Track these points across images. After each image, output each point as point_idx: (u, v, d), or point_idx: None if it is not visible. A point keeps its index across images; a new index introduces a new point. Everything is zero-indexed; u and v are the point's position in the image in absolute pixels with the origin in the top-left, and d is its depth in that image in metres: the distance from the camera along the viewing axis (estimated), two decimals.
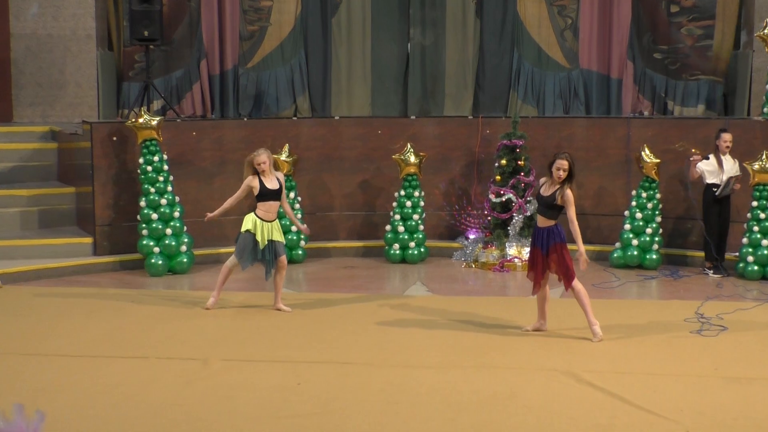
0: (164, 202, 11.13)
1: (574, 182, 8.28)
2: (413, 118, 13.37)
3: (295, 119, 13.38)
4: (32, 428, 3.17)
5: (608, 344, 8.22)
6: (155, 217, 11.10)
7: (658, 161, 11.57)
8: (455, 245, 12.43)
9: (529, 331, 8.62)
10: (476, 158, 12.69)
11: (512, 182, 11.85)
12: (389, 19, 14.77)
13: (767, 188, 11.05)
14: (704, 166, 11.09)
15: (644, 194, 11.64)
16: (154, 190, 11.14)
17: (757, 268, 10.98)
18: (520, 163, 11.91)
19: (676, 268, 11.66)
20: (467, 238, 12.34)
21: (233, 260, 9.31)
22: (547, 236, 8.30)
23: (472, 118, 13.19)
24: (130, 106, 13.88)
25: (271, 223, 9.23)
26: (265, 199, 9.20)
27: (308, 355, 7.90)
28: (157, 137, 11.20)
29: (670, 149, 12.05)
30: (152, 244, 11.09)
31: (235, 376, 7.33)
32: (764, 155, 11.02)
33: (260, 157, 9.18)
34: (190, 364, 7.59)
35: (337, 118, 13.31)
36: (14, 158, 12.71)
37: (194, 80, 14.55)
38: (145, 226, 11.12)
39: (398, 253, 12.08)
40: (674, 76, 14.75)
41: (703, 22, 14.60)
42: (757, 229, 11.05)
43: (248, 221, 9.20)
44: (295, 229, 11.81)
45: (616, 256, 11.74)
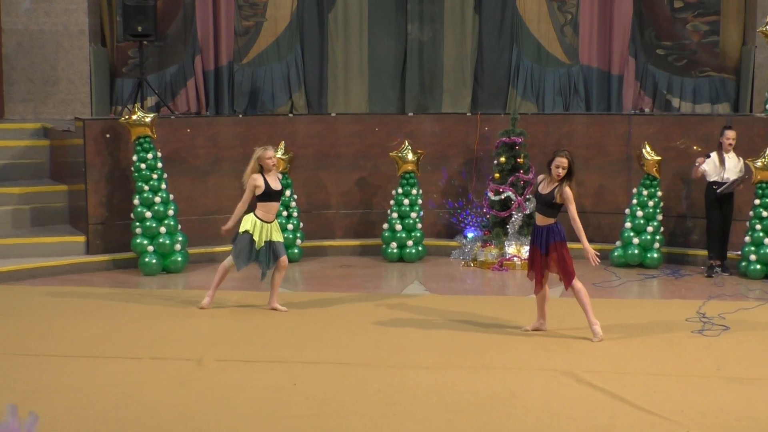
0: (158, 200, 11.13)
1: (573, 180, 8.29)
2: (411, 114, 13.38)
3: (291, 116, 13.38)
4: (26, 429, 3.18)
5: (609, 344, 8.23)
6: (149, 215, 11.10)
7: (659, 159, 11.58)
8: (453, 244, 12.44)
9: (528, 330, 8.62)
10: (475, 155, 12.70)
11: (511, 180, 11.86)
12: (386, 14, 14.76)
13: None
14: (705, 165, 11.10)
15: (645, 192, 11.65)
16: (147, 187, 11.14)
17: (759, 267, 10.99)
18: (519, 160, 11.93)
19: (677, 267, 11.69)
20: (466, 236, 12.35)
21: (230, 260, 9.31)
22: (546, 235, 8.30)
23: (470, 114, 13.21)
24: (123, 102, 13.86)
25: (270, 224, 9.22)
26: (268, 199, 9.17)
27: (304, 355, 7.90)
28: (150, 134, 11.20)
29: (671, 146, 12.07)
30: (146, 242, 11.09)
31: (230, 376, 7.33)
32: (767, 152, 11.03)
33: (270, 151, 9.18)
34: (184, 364, 7.59)
35: (333, 114, 13.32)
36: (6, 156, 12.71)
37: (188, 76, 14.53)
38: (138, 224, 11.12)
39: (396, 251, 12.09)
40: (680, 72, 14.72)
41: (708, 17, 14.59)
42: (759, 227, 11.05)
43: (247, 222, 9.17)
44: (291, 227, 11.84)
45: (616, 254, 11.76)
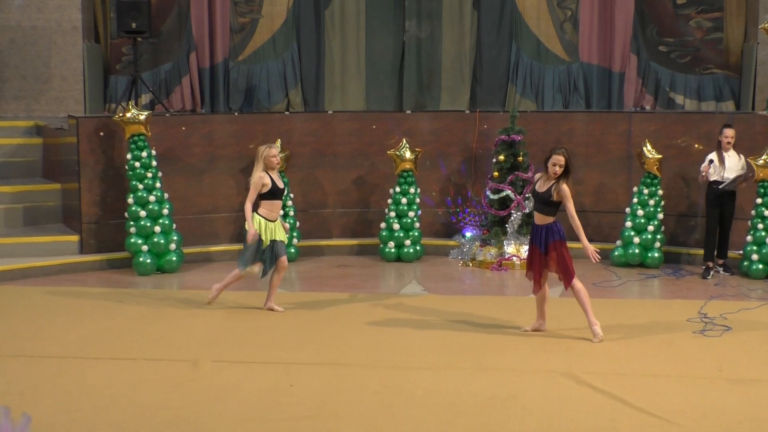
0: (153, 198, 11.13)
1: (570, 177, 8.28)
2: (409, 112, 13.38)
3: (287, 114, 13.37)
4: (18, 431, 3.18)
5: (609, 345, 8.23)
6: (143, 214, 11.09)
7: (660, 157, 11.59)
8: (452, 243, 12.44)
9: (528, 331, 8.62)
10: (473, 154, 12.70)
11: (510, 178, 11.86)
12: (384, 10, 14.76)
13: None
14: (704, 164, 11.07)
15: (646, 191, 11.66)
16: (142, 186, 11.13)
17: (761, 266, 10.99)
18: (518, 159, 11.92)
19: (678, 266, 11.69)
20: (464, 235, 12.35)
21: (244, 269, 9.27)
22: (545, 234, 8.30)
23: (469, 112, 13.21)
24: (117, 100, 13.86)
25: (274, 222, 9.22)
26: (273, 197, 9.15)
27: (301, 356, 7.90)
28: (145, 132, 11.20)
29: (672, 144, 12.07)
30: (140, 242, 11.08)
31: (225, 378, 7.32)
32: None
33: (274, 150, 9.20)
34: (179, 365, 7.59)
35: (330, 112, 13.32)
36: None
37: (183, 74, 14.52)
38: (133, 223, 11.11)
39: (393, 251, 12.09)
40: (683, 69, 14.72)
41: (711, 14, 14.59)
42: (761, 226, 11.06)
43: (254, 223, 9.13)
44: (287, 226, 11.83)
45: (617, 254, 11.76)
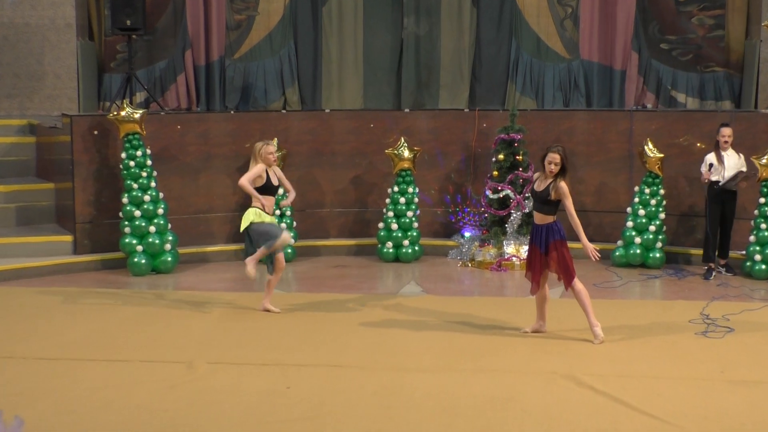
0: (147, 198, 11.12)
1: (567, 176, 8.26)
2: (407, 111, 13.37)
3: (284, 112, 13.36)
4: None
5: (610, 346, 8.23)
6: (138, 214, 11.08)
7: (661, 156, 11.58)
8: (451, 243, 12.43)
9: (527, 332, 8.62)
10: (473, 153, 12.69)
11: (510, 178, 11.86)
12: (382, 7, 14.75)
13: None
14: (703, 168, 11.07)
15: (647, 190, 11.65)
16: (137, 186, 11.13)
17: (764, 266, 10.98)
18: (518, 157, 11.92)
19: (680, 267, 11.69)
20: (463, 236, 12.34)
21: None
22: (546, 233, 8.30)
23: (468, 111, 13.20)
24: (111, 98, 13.83)
25: (271, 216, 9.24)
26: (267, 192, 9.20)
27: (298, 357, 7.89)
28: (140, 131, 11.19)
29: (674, 143, 12.07)
30: (135, 242, 11.07)
31: (221, 379, 7.32)
32: None
33: (271, 146, 9.24)
34: (174, 367, 7.58)
35: (327, 111, 13.31)
36: None
37: (179, 71, 14.51)
38: (127, 223, 11.11)
39: (391, 251, 12.09)
40: (685, 67, 14.71)
41: (714, 11, 14.58)
42: (764, 226, 11.04)
43: (250, 215, 9.13)
44: (284, 226, 11.81)
45: (618, 254, 11.76)
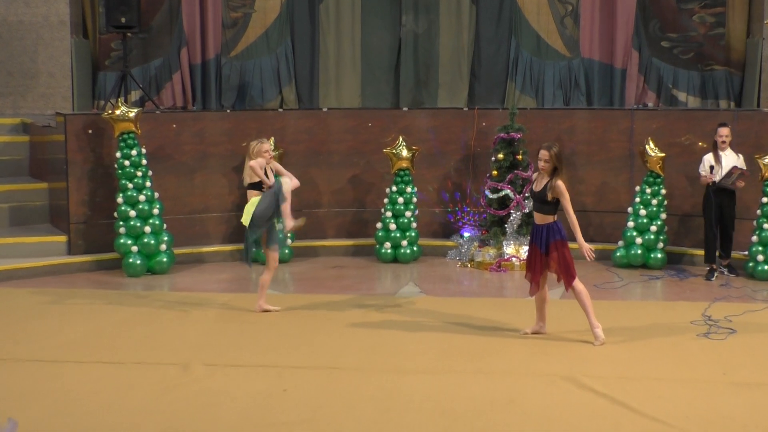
0: (142, 198, 11.11)
1: (563, 173, 8.24)
2: (405, 109, 13.35)
3: (280, 111, 13.35)
4: None
5: (611, 348, 8.23)
6: (133, 214, 11.07)
7: (663, 155, 11.58)
8: (450, 244, 12.43)
9: (527, 334, 8.62)
10: (472, 152, 12.69)
11: (510, 177, 11.86)
12: (380, 4, 14.76)
13: None
14: (702, 171, 11.07)
15: (648, 190, 11.65)
16: (131, 185, 11.12)
17: (767, 267, 10.99)
18: (518, 157, 11.92)
19: (682, 267, 11.69)
20: (462, 236, 12.34)
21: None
22: (546, 233, 8.30)
23: (467, 109, 13.19)
24: (106, 96, 13.83)
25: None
26: (263, 188, 9.19)
27: (295, 359, 7.89)
28: (134, 130, 11.18)
29: (676, 142, 12.07)
30: (130, 242, 11.06)
31: (217, 382, 7.31)
32: None
33: (266, 145, 9.24)
34: (169, 369, 7.58)
35: (325, 109, 13.29)
36: None
37: (174, 70, 14.51)
38: (122, 223, 11.10)
39: (390, 252, 12.08)
40: (686, 66, 14.71)
41: (715, 9, 14.58)
42: (767, 226, 11.05)
43: (251, 206, 9.15)
44: (280, 226, 11.81)
45: (619, 255, 11.76)
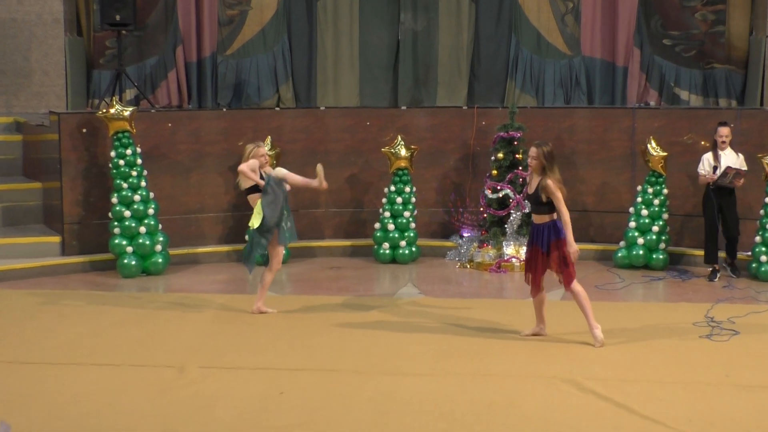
0: (137, 198, 11.10)
1: (555, 172, 8.20)
2: (404, 108, 13.35)
3: (277, 110, 13.34)
4: None
5: (611, 349, 8.23)
6: (128, 214, 11.07)
7: (665, 154, 11.58)
8: (449, 244, 12.42)
9: (527, 335, 8.62)
10: (471, 151, 12.69)
11: (510, 177, 11.85)
12: (378, 2, 14.74)
13: None
14: (701, 170, 11.06)
15: (650, 190, 11.65)
16: (126, 185, 11.11)
17: None
18: (517, 156, 11.91)
19: (684, 268, 11.69)
20: (461, 236, 12.34)
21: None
22: (547, 233, 8.30)
23: (466, 108, 13.18)
24: (100, 95, 13.82)
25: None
26: (259, 191, 9.19)
27: (291, 362, 7.89)
28: (129, 129, 11.18)
29: (678, 141, 12.07)
30: (125, 243, 11.05)
31: (213, 384, 7.31)
32: None
33: (263, 149, 9.30)
34: (165, 371, 7.57)
35: (322, 108, 13.28)
36: None
37: (170, 68, 14.48)
38: (117, 224, 11.09)
39: (388, 252, 12.08)
40: (688, 64, 14.69)
41: (717, 6, 14.57)
42: None
43: (259, 211, 9.16)
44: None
45: (620, 255, 11.76)
